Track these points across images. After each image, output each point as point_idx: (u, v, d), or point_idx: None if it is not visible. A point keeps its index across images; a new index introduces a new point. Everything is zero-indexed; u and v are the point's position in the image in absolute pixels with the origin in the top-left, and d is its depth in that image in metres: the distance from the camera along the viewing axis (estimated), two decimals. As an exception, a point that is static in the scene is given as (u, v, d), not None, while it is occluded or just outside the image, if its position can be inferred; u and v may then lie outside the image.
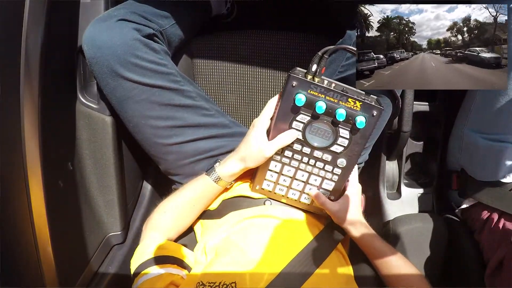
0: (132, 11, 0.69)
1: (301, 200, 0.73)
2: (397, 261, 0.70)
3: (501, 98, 0.72)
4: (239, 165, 0.67)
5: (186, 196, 0.72)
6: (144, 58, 0.68)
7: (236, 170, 0.68)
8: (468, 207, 0.88)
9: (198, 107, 0.76)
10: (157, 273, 0.64)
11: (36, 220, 0.59)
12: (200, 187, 0.71)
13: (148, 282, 0.63)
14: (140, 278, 0.64)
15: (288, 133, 0.63)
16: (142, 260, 0.67)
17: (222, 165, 0.69)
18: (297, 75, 0.59)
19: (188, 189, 0.72)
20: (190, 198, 0.72)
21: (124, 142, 0.86)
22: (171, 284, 0.63)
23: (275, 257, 0.64)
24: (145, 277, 0.64)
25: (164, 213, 0.72)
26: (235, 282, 0.59)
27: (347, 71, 0.73)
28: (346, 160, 0.66)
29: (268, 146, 0.64)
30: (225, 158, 0.70)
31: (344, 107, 0.59)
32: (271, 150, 0.64)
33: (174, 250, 0.70)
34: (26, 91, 0.56)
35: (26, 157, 0.57)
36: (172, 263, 0.67)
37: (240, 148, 0.66)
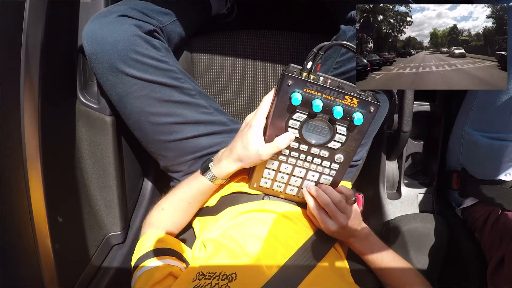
0: (132, 7, 0.69)
1: (299, 195, 0.73)
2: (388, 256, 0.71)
3: (502, 97, 0.72)
4: (235, 165, 0.67)
5: (183, 195, 0.72)
6: (145, 54, 0.68)
7: (232, 170, 0.68)
8: (468, 206, 0.88)
9: (197, 104, 0.76)
10: (155, 265, 0.64)
11: (36, 220, 0.59)
12: (196, 186, 0.71)
13: (147, 273, 0.63)
14: (139, 270, 0.64)
15: (285, 136, 0.63)
16: (141, 253, 0.67)
17: (217, 165, 0.68)
18: (292, 73, 0.58)
19: (184, 188, 0.72)
20: (187, 196, 0.72)
21: (124, 142, 0.86)
22: (170, 275, 0.63)
23: (274, 252, 0.64)
24: (143, 269, 0.64)
25: (162, 210, 0.73)
26: (235, 273, 0.59)
27: (341, 67, 0.73)
28: (343, 156, 0.65)
29: (265, 150, 0.63)
30: (220, 155, 0.69)
31: (341, 104, 0.59)
32: (268, 153, 0.64)
33: (173, 244, 0.71)
34: (26, 91, 0.56)
35: (26, 157, 0.57)
36: (170, 255, 0.67)
37: (236, 147, 0.65)
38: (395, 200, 0.97)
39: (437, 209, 0.96)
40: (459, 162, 0.90)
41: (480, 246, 0.84)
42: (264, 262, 0.62)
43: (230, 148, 0.67)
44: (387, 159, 0.99)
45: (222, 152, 0.69)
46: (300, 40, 0.93)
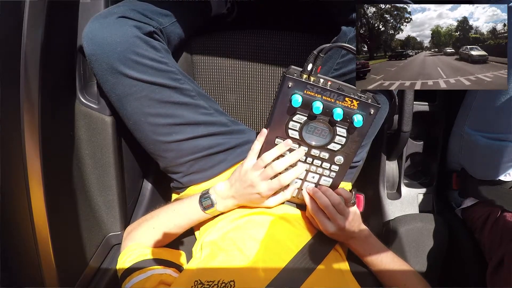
0: (132, 9, 0.69)
1: (299, 197, 0.73)
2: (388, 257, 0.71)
3: (502, 97, 0.72)
4: (236, 202, 0.71)
5: (179, 221, 0.73)
6: (145, 56, 0.68)
7: (232, 207, 0.72)
8: (468, 207, 0.88)
9: (197, 105, 0.76)
10: (144, 276, 0.64)
11: (36, 220, 0.59)
12: (196, 218, 0.73)
13: (137, 284, 0.64)
14: (128, 283, 0.65)
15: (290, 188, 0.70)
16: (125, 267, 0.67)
17: (222, 204, 0.71)
18: (292, 75, 0.58)
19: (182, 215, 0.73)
20: (183, 224, 0.73)
21: (124, 142, 0.86)
22: (161, 283, 0.63)
23: (274, 255, 0.64)
24: (133, 280, 0.65)
25: (152, 229, 0.73)
26: (233, 280, 0.59)
27: (342, 68, 0.73)
28: (343, 157, 0.66)
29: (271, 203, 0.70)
30: (223, 194, 0.70)
31: (341, 106, 0.59)
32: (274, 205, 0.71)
33: (156, 253, 0.71)
34: (26, 91, 0.56)
35: (26, 157, 0.57)
36: (158, 264, 0.68)
37: (240, 199, 0.70)
38: (395, 200, 0.97)
39: (437, 209, 0.97)
40: (459, 163, 0.90)
41: (480, 246, 0.84)
42: (263, 265, 0.62)
43: (235, 195, 0.70)
44: (387, 159, 0.99)
45: (225, 195, 0.70)
46: (301, 40, 0.93)
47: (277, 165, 0.65)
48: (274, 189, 0.67)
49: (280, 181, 0.66)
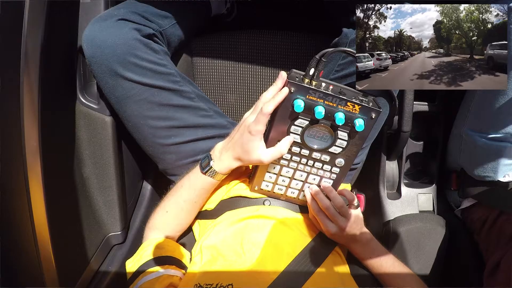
0: (132, 11, 0.69)
1: (300, 198, 0.73)
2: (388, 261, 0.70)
3: (501, 98, 0.72)
4: (236, 163, 0.67)
5: (188, 195, 0.71)
6: (144, 58, 0.68)
7: (233, 166, 0.67)
8: (467, 207, 0.88)
9: (196, 108, 0.76)
10: (156, 275, 0.64)
11: (36, 220, 0.59)
12: (200, 185, 0.70)
13: (148, 283, 0.63)
14: (140, 280, 0.64)
15: (286, 140, 0.63)
16: (141, 261, 0.67)
17: (218, 162, 0.67)
18: (294, 80, 0.58)
19: (187, 188, 0.71)
20: (192, 197, 0.71)
21: (124, 142, 0.86)
22: (170, 286, 0.63)
23: (273, 259, 0.64)
24: (144, 279, 0.64)
25: (166, 213, 0.72)
26: (231, 284, 0.59)
27: (343, 70, 0.73)
28: (344, 160, 0.66)
29: (267, 156, 0.63)
30: (219, 152, 0.67)
31: (343, 111, 0.59)
32: (270, 159, 0.63)
33: (173, 250, 0.70)
34: (26, 91, 0.56)
35: (26, 157, 0.57)
36: (170, 263, 0.67)
37: (236, 150, 0.65)
38: (395, 200, 0.97)
39: (437, 209, 0.97)
40: (458, 163, 0.90)
41: (479, 248, 0.84)
42: (261, 269, 0.62)
43: (230, 147, 0.66)
44: (387, 159, 0.99)
45: (221, 149, 0.68)
46: (301, 40, 0.93)
47: (264, 96, 0.61)
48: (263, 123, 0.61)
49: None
